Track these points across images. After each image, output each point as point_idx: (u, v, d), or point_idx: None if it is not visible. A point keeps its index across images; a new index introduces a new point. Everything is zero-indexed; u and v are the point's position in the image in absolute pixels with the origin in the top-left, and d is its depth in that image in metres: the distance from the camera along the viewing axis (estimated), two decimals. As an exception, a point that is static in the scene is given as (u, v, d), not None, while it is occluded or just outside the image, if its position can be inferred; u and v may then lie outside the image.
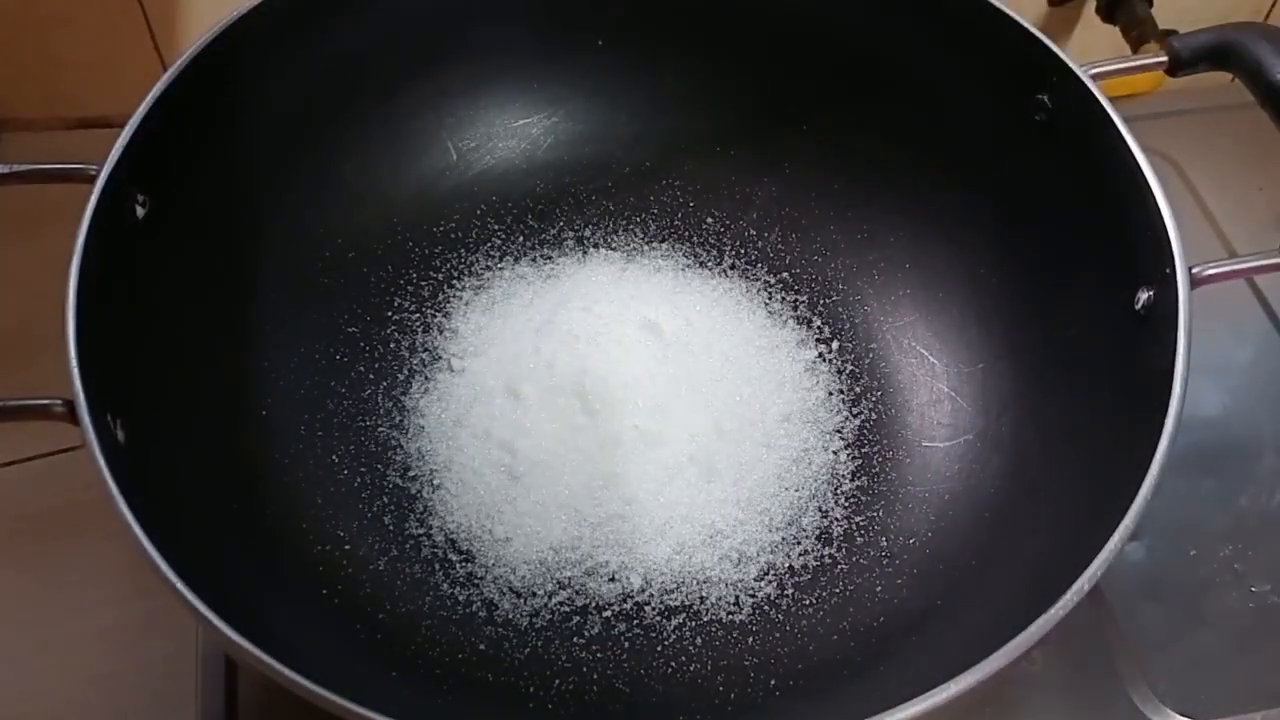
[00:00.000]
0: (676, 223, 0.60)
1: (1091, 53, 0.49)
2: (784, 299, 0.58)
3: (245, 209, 0.52)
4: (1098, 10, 0.67)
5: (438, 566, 0.49)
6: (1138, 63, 0.50)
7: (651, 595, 0.49)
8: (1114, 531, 0.38)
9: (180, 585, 0.36)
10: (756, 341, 0.56)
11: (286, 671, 0.34)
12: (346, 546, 0.49)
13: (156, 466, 0.41)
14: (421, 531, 0.50)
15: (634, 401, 0.53)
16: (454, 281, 0.57)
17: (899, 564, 0.50)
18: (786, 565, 0.50)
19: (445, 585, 0.49)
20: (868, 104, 0.57)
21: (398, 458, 0.52)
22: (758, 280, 0.58)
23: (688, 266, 0.59)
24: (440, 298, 0.57)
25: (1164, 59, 0.49)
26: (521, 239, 0.59)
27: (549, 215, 0.60)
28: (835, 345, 0.56)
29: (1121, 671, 0.51)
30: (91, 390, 0.39)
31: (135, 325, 0.44)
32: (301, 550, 0.48)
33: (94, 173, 0.43)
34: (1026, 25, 0.49)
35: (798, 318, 0.57)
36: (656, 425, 0.52)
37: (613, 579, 0.49)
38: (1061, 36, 0.71)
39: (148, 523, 0.36)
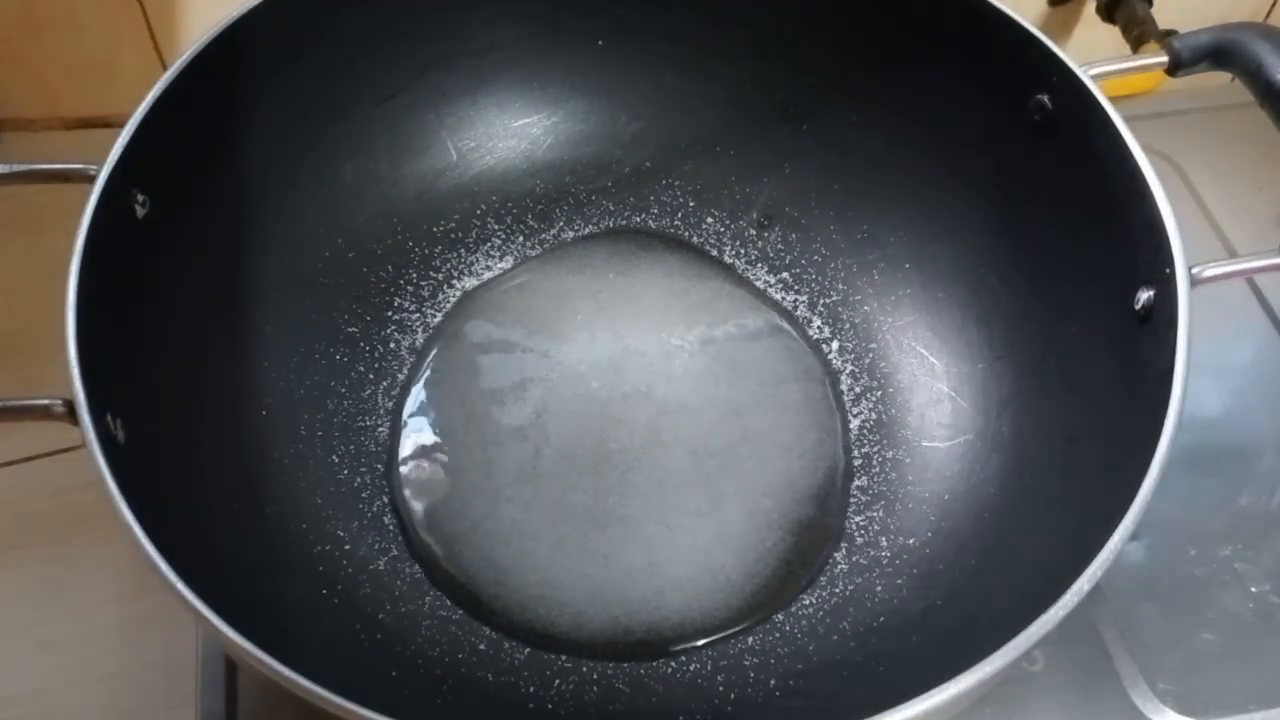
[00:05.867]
0: (676, 222, 0.60)
1: (1091, 53, 0.49)
2: (784, 299, 0.58)
3: (245, 209, 0.52)
4: (1098, 10, 0.67)
5: (438, 566, 0.49)
6: (1138, 63, 0.50)
7: (651, 595, 0.49)
8: (1114, 531, 0.38)
9: (180, 585, 0.36)
10: (756, 341, 0.56)
11: (286, 671, 0.34)
12: (346, 546, 0.49)
13: (156, 466, 0.41)
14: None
15: (633, 401, 0.53)
16: (454, 281, 0.57)
17: (899, 564, 0.50)
18: (786, 565, 0.50)
19: (446, 584, 0.49)
20: (868, 104, 0.57)
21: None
22: (758, 280, 0.58)
23: (688, 266, 0.59)
24: (440, 298, 0.57)
25: (1164, 59, 0.49)
26: (521, 239, 0.59)
27: (549, 215, 0.60)
28: (835, 345, 0.56)
29: (1121, 671, 0.51)
30: (91, 390, 0.39)
31: (135, 325, 0.44)
32: (301, 550, 0.48)
33: (94, 173, 0.43)
34: (1026, 25, 0.49)
35: (798, 318, 0.57)
36: (656, 424, 0.52)
37: (613, 579, 0.49)
38: (1061, 36, 0.71)
39: (148, 523, 0.36)
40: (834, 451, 0.53)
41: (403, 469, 0.52)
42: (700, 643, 0.48)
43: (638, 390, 0.54)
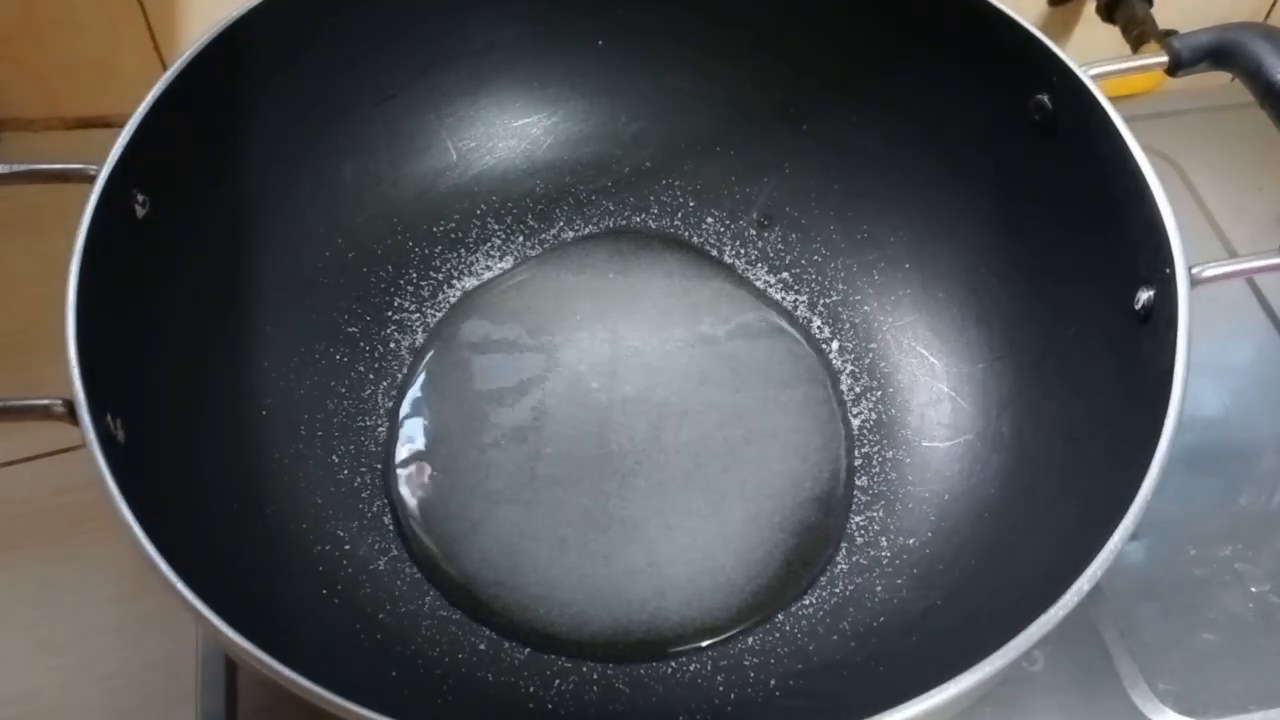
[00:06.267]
0: (676, 222, 0.60)
1: (1091, 53, 0.49)
2: (784, 299, 0.58)
3: (245, 209, 0.52)
4: (1098, 10, 0.67)
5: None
6: (1138, 63, 0.50)
7: (651, 595, 0.49)
8: (1114, 531, 0.38)
9: (180, 585, 0.36)
10: (756, 342, 0.56)
11: (286, 671, 0.34)
12: (346, 546, 0.49)
13: (156, 466, 0.41)
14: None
15: (634, 403, 0.53)
16: (454, 281, 0.57)
17: (899, 564, 0.50)
18: (786, 565, 0.50)
19: (445, 585, 0.49)
20: (868, 104, 0.57)
21: (398, 458, 0.52)
22: (758, 280, 0.58)
23: (688, 266, 0.59)
24: (440, 298, 0.57)
25: (1164, 59, 0.49)
26: (521, 239, 0.59)
27: (549, 215, 0.60)
28: (835, 345, 0.56)
29: (1121, 671, 0.51)
30: (91, 390, 0.39)
31: (135, 325, 0.44)
32: (301, 550, 0.48)
33: (94, 173, 0.43)
34: (1026, 25, 0.49)
35: (798, 318, 0.57)
36: (657, 426, 0.52)
37: (613, 579, 0.49)
38: (1061, 36, 0.71)
39: (148, 523, 0.36)
40: (836, 454, 0.53)
41: (402, 470, 0.51)
42: (701, 643, 0.48)
43: (638, 391, 0.54)
